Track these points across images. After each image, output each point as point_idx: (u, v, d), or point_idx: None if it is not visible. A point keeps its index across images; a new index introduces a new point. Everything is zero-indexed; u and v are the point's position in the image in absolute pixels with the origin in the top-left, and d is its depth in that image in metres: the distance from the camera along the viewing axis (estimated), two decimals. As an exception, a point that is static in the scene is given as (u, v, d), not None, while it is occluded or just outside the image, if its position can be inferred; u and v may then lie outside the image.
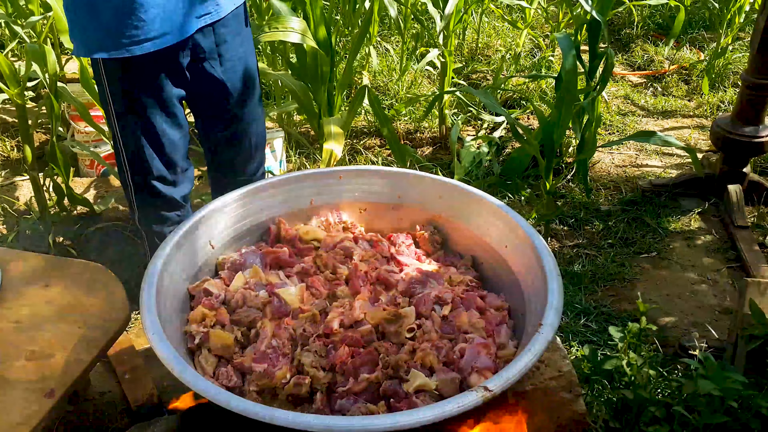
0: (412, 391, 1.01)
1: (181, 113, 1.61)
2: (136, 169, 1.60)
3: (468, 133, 3.26)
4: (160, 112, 1.54)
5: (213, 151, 1.78)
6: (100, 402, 1.67)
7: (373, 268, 1.28)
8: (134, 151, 1.58)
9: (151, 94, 1.51)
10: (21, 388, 1.13)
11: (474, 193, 1.36)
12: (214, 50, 1.58)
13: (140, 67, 1.46)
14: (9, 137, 3.03)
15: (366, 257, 1.31)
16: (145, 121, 1.54)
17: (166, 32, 1.42)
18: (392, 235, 1.41)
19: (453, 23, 3.02)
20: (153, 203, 1.67)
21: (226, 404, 0.87)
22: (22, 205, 2.51)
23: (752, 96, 2.52)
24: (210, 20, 1.51)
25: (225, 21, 1.56)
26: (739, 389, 1.23)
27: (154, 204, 1.67)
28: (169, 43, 1.43)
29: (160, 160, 1.60)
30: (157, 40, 1.41)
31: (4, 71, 2.02)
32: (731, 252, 2.44)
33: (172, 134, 1.58)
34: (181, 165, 1.66)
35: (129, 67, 1.46)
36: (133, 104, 1.52)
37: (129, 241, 2.38)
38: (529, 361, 0.94)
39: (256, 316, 1.15)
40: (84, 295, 1.36)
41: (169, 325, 1.07)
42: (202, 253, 1.28)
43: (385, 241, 1.38)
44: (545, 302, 1.06)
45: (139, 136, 1.55)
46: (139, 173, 1.61)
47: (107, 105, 1.54)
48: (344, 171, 1.46)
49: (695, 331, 2.04)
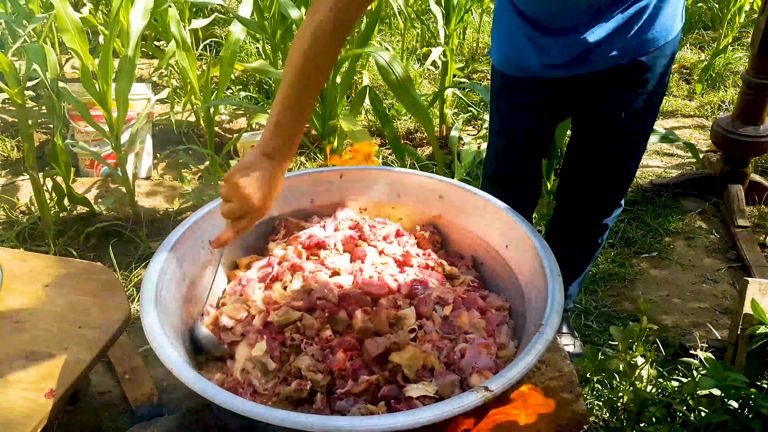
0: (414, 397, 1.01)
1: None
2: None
3: (468, 133, 3.26)
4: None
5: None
6: (100, 402, 1.67)
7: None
8: None
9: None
10: (21, 388, 1.13)
11: (474, 193, 1.36)
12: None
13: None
14: (9, 137, 3.03)
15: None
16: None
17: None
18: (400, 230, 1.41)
19: (454, 22, 3.02)
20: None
21: (226, 404, 0.87)
22: (22, 205, 2.51)
23: (752, 96, 2.51)
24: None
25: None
26: (739, 388, 1.23)
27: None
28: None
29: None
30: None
31: (4, 70, 2.01)
32: (732, 252, 2.43)
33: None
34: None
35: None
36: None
37: (129, 241, 2.38)
38: (530, 362, 0.94)
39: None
40: (84, 294, 1.36)
41: (168, 324, 1.07)
42: (202, 253, 1.27)
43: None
44: (546, 302, 1.05)
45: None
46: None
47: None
48: (345, 170, 1.46)
49: (695, 331, 2.04)
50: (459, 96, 3.44)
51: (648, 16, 1.31)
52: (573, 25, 1.32)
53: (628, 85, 1.40)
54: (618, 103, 1.43)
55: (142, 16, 2.26)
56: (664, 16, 1.32)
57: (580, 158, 1.59)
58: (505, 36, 1.47)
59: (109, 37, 2.19)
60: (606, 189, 1.60)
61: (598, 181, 1.58)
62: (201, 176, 2.84)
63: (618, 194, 1.63)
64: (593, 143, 1.53)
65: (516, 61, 1.47)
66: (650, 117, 1.47)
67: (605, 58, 1.35)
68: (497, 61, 1.53)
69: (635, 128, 1.47)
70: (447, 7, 2.99)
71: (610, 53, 1.34)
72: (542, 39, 1.37)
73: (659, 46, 1.35)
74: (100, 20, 3.55)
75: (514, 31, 1.43)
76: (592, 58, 1.36)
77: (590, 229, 1.70)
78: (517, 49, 1.44)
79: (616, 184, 1.59)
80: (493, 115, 1.63)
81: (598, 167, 1.55)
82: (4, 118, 3.19)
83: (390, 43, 3.95)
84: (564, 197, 1.70)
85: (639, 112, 1.44)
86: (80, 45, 2.17)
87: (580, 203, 1.66)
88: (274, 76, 2.60)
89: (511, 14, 1.42)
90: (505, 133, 1.62)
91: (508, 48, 1.47)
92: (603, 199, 1.63)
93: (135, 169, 2.55)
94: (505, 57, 1.49)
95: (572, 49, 1.35)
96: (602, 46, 1.33)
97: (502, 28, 1.48)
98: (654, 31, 1.33)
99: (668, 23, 1.34)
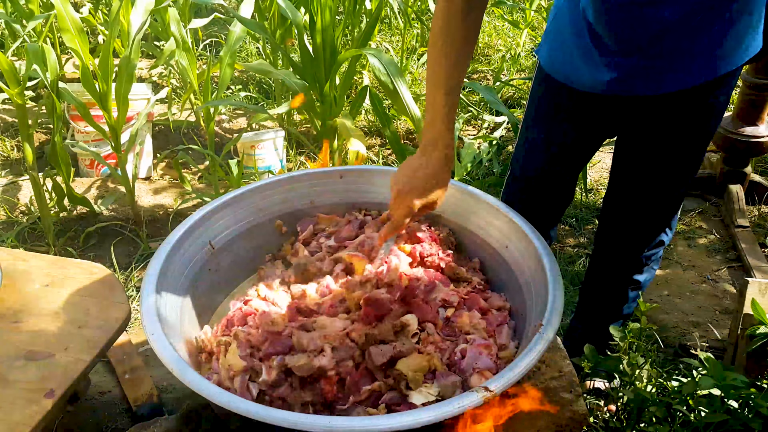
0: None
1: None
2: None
3: (468, 133, 3.26)
4: None
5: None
6: (100, 402, 1.67)
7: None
8: None
9: None
10: (21, 388, 1.13)
11: (474, 193, 1.36)
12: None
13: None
14: (9, 137, 3.03)
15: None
16: None
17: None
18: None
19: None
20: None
21: (227, 404, 0.87)
22: (22, 205, 2.51)
23: (752, 96, 2.51)
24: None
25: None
26: (739, 388, 1.23)
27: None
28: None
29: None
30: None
31: (4, 70, 2.01)
32: (732, 252, 2.43)
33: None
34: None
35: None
36: None
37: (129, 241, 2.38)
38: (530, 362, 0.94)
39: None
40: (84, 295, 1.36)
41: (168, 324, 1.07)
42: (202, 253, 1.27)
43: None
44: (546, 302, 1.05)
45: None
46: None
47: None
48: (345, 170, 1.46)
49: (695, 331, 2.04)
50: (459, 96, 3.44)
51: (705, 41, 1.20)
52: (635, 48, 1.23)
53: (677, 115, 1.32)
54: (666, 129, 1.35)
55: (142, 16, 2.26)
56: (727, 44, 1.22)
57: (622, 181, 1.49)
58: (561, 42, 1.36)
59: (109, 37, 2.19)
60: (638, 218, 1.51)
61: (633, 204, 1.49)
62: (201, 176, 2.84)
63: (651, 224, 1.51)
64: (635, 169, 1.44)
65: (565, 69, 1.38)
66: (695, 150, 1.38)
67: (657, 83, 1.27)
68: (546, 64, 1.43)
69: (679, 157, 1.39)
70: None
71: (661, 79, 1.26)
72: (596, 54, 1.28)
73: (717, 77, 1.25)
74: (100, 20, 3.55)
75: (569, 39, 1.33)
76: (648, 80, 1.27)
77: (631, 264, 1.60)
78: (569, 56, 1.34)
79: (644, 210, 1.49)
80: (530, 116, 1.54)
81: (637, 191, 1.46)
82: (4, 118, 3.19)
83: (390, 43, 3.95)
84: (605, 224, 1.60)
85: (687, 141, 1.36)
86: (80, 45, 2.18)
87: (622, 229, 1.55)
88: (274, 76, 2.60)
89: (572, 20, 1.30)
90: (540, 138, 1.52)
91: (560, 54, 1.38)
92: (642, 228, 1.52)
93: (135, 169, 2.55)
94: (556, 62, 1.39)
95: (623, 69, 1.26)
96: (653, 69, 1.25)
97: (558, 31, 1.38)
98: (713, 60, 1.23)
99: (733, 51, 1.24)
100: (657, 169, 1.41)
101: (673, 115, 1.32)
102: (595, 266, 1.69)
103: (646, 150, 1.40)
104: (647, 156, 1.41)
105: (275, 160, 2.79)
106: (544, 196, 1.59)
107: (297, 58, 2.90)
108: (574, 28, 1.30)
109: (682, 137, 1.36)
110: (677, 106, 1.30)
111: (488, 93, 2.68)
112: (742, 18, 1.18)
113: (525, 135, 1.56)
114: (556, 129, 1.48)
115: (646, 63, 1.24)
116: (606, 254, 1.64)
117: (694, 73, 1.24)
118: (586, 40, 1.28)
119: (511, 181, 1.65)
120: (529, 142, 1.55)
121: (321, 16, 2.46)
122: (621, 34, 1.22)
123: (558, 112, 1.46)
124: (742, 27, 1.20)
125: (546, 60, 1.42)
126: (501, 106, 2.67)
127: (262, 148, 2.74)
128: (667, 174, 1.42)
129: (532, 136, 1.54)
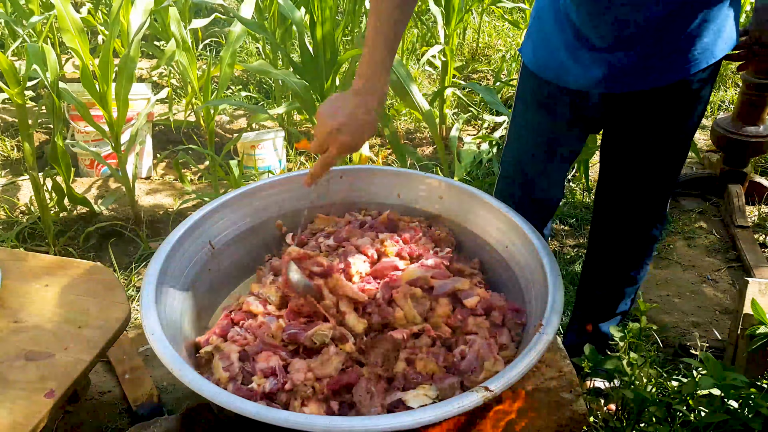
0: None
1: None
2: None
3: (468, 133, 3.26)
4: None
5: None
6: (100, 402, 1.67)
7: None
8: None
9: None
10: (21, 388, 1.13)
11: (474, 193, 1.36)
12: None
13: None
14: (9, 137, 3.03)
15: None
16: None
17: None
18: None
19: (454, 23, 3.02)
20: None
21: (227, 404, 0.87)
22: (22, 205, 2.51)
23: (752, 96, 2.52)
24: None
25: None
26: (739, 388, 1.23)
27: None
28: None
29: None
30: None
31: (4, 70, 2.01)
32: (731, 252, 2.43)
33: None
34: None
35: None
36: None
37: (129, 241, 2.38)
38: (530, 362, 0.94)
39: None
40: (84, 295, 1.36)
41: (168, 324, 1.07)
42: (202, 253, 1.27)
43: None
44: (546, 302, 1.05)
45: None
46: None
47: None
48: (344, 170, 1.46)
49: (695, 331, 2.04)
50: (459, 96, 3.44)
51: (688, 36, 1.24)
52: (618, 43, 1.25)
53: (664, 108, 1.34)
54: (652, 121, 1.36)
55: (142, 16, 2.26)
56: (708, 37, 1.25)
57: (612, 171, 1.51)
58: (543, 39, 1.39)
59: (109, 37, 2.19)
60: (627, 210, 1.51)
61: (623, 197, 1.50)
62: (201, 176, 2.84)
63: (644, 208, 1.52)
64: (623, 163, 1.46)
65: (553, 68, 1.39)
66: (682, 141, 1.40)
67: (645, 78, 1.29)
68: (531, 62, 1.44)
69: (666, 149, 1.40)
70: (447, 7, 2.99)
71: (649, 74, 1.28)
72: (584, 52, 1.30)
73: (700, 69, 1.27)
74: (100, 20, 3.55)
75: (554, 38, 1.35)
76: (637, 77, 1.29)
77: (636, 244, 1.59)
78: (555, 55, 1.36)
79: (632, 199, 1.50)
80: (517, 114, 1.55)
81: (629, 175, 1.47)
82: (4, 118, 3.19)
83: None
84: (600, 208, 1.60)
85: (674, 132, 1.37)
86: (80, 45, 2.18)
87: (617, 215, 1.56)
88: (274, 76, 2.60)
89: (556, 20, 1.33)
90: (527, 134, 1.54)
91: (545, 53, 1.39)
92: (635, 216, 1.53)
93: (135, 169, 2.55)
94: (542, 61, 1.41)
95: (612, 67, 1.28)
96: (641, 65, 1.27)
97: (542, 30, 1.39)
98: (696, 53, 1.26)
99: (711, 44, 1.26)
100: (645, 162, 1.43)
101: (659, 107, 1.34)
102: (590, 263, 1.70)
103: (633, 143, 1.42)
104: (634, 149, 1.42)
105: (275, 160, 2.79)
106: (534, 193, 1.60)
107: (297, 58, 2.90)
108: (557, 25, 1.32)
109: (669, 128, 1.38)
110: (663, 98, 1.32)
111: (488, 93, 2.68)
112: (722, 10, 1.22)
113: (512, 133, 1.58)
114: (542, 126, 1.50)
115: (634, 59, 1.26)
116: (600, 250, 1.64)
117: (680, 66, 1.27)
118: (570, 38, 1.30)
119: (501, 180, 1.66)
120: (517, 140, 1.57)
121: (321, 15, 2.46)
122: (602, 30, 1.25)
123: (543, 109, 1.47)
124: (722, 19, 1.24)
125: (531, 59, 1.44)
126: (501, 107, 2.67)
127: (262, 148, 2.74)
128: (655, 166, 1.44)
129: (519, 133, 1.56)
